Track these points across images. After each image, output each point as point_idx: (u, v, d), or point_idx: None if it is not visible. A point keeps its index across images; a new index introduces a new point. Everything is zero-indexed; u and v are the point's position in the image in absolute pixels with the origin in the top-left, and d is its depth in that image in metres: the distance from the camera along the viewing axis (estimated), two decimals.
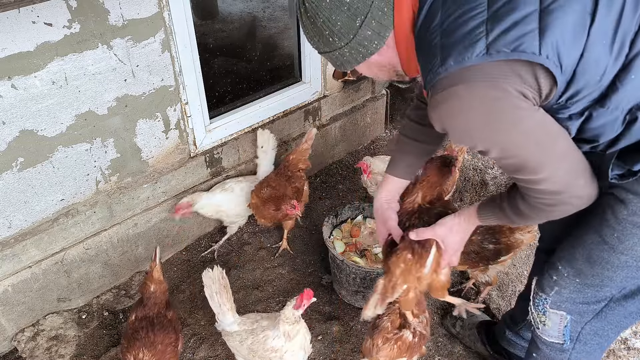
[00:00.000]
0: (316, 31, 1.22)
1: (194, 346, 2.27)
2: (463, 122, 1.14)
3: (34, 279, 2.22)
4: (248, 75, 2.86)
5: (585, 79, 1.11)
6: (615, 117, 1.16)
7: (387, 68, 1.32)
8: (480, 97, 1.09)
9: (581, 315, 1.55)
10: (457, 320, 2.29)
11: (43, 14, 1.80)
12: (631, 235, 1.34)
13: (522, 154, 1.17)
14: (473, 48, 1.06)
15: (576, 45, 1.07)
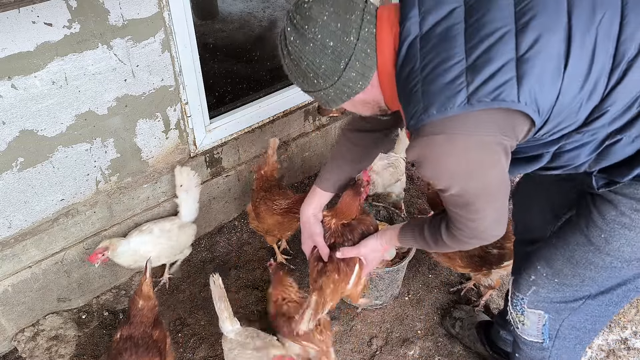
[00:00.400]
0: (300, 73, 1.25)
1: (194, 346, 2.27)
2: (437, 166, 1.22)
3: (34, 279, 2.22)
4: (248, 75, 2.86)
5: (563, 116, 1.17)
6: (589, 141, 1.22)
7: (371, 105, 1.35)
8: (459, 149, 1.16)
9: (559, 313, 1.56)
10: (456, 320, 2.29)
11: (43, 14, 1.80)
12: (619, 236, 1.34)
13: (473, 198, 1.28)
14: (455, 98, 1.10)
15: (552, 89, 1.12)
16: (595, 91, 1.14)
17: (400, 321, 2.39)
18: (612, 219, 1.34)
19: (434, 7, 1.16)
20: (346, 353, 2.24)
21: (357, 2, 1.21)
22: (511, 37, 1.10)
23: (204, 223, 2.81)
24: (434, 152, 1.18)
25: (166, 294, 2.52)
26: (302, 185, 3.21)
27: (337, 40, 1.18)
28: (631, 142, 1.20)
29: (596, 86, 1.14)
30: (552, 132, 1.21)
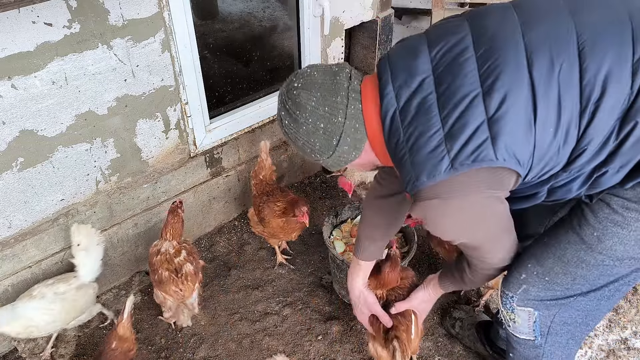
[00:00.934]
0: (299, 148, 1.40)
1: (194, 346, 2.27)
2: (438, 226, 1.38)
3: (34, 279, 2.22)
4: (248, 75, 2.86)
5: (544, 162, 1.26)
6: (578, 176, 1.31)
7: (367, 165, 1.49)
8: (454, 210, 1.30)
9: (548, 309, 1.58)
10: (456, 320, 2.29)
11: (43, 14, 1.80)
12: (611, 234, 1.36)
13: (480, 244, 1.44)
14: (439, 166, 1.22)
15: (527, 141, 1.21)
16: (569, 135, 1.23)
17: None
18: (605, 217, 1.35)
19: (405, 81, 1.27)
20: (346, 353, 2.24)
21: (342, 82, 1.33)
22: (479, 101, 1.20)
23: (204, 223, 2.81)
24: (433, 215, 1.33)
25: None
26: (302, 185, 3.21)
27: (326, 121, 1.31)
28: (617, 172, 1.27)
29: (569, 130, 1.22)
30: (539, 175, 1.31)
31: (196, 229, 2.79)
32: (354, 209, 2.61)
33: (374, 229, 1.88)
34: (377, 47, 3.24)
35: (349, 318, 2.39)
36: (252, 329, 2.34)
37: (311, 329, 2.34)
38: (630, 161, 1.24)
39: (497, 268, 1.57)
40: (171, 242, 2.20)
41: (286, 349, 2.26)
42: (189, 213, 2.68)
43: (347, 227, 2.60)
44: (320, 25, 2.81)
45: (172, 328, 2.36)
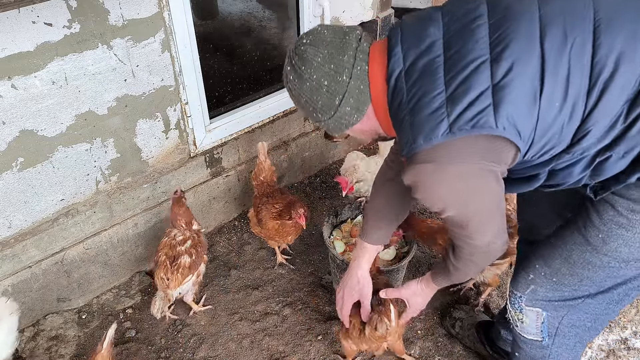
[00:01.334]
0: (301, 106, 1.38)
1: (194, 346, 2.27)
2: (429, 193, 1.31)
3: (34, 279, 2.22)
4: (248, 75, 2.86)
5: (546, 138, 1.23)
6: (580, 159, 1.27)
7: (369, 132, 1.45)
8: (448, 178, 1.25)
9: (557, 310, 1.57)
10: (456, 320, 2.29)
11: (43, 14, 1.80)
12: (616, 236, 1.35)
13: (468, 220, 1.36)
14: (438, 128, 1.18)
15: (530, 113, 1.18)
16: (575, 112, 1.19)
17: None
18: (610, 219, 1.34)
19: (415, 42, 1.25)
20: None
21: (351, 42, 1.30)
22: (486, 67, 1.17)
23: (204, 223, 2.81)
24: (425, 180, 1.28)
25: None
26: (302, 186, 3.21)
27: (330, 79, 1.29)
28: (621, 158, 1.24)
29: (575, 108, 1.19)
30: (540, 154, 1.27)
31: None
32: (354, 209, 2.61)
33: (382, 211, 1.83)
34: None
35: None
36: (252, 329, 2.34)
37: (311, 329, 2.34)
38: (635, 147, 1.21)
39: (482, 253, 1.48)
40: (183, 231, 2.24)
41: (286, 349, 2.26)
42: None
43: (347, 227, 2.60)
44: None
45: (171, 327, 2.36)
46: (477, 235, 1.41)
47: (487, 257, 1.51)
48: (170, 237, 2.23)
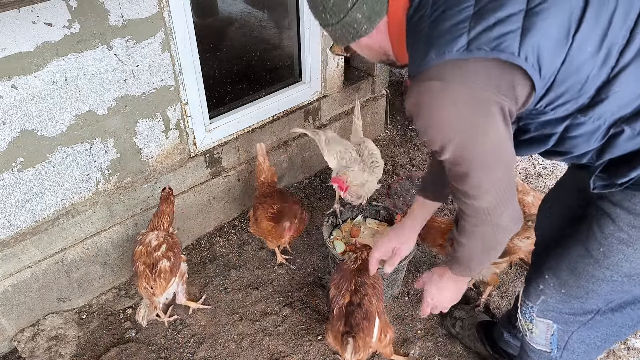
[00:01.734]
0: (313, 4, 1.25)
1: (194, 346, 2.27)
2: (431, 118, 1.15)
3: (34, 279, 2.22)
4: (248, 75, 2.86)
5: (566, 86, 1.11)
6: (596, 128, 1.17)
7: (377, 51, 1.33)
8: (452, 100, 1.11)
9: (567, 324, 1.54)
10: (456, 320, 2.29)
11: (43, 14, 1.80)
12: (617, 251, 1.32)
13: (469, 166, 1.20)
14: (455, 42, 1.06)
15: (559, 50, 1.06)
16: (605, 65, 1.08)
17: (400, 321, 2.39)
18: (610, 234, 1.32)
19: None
20: None
21: None
22: None
23: (204, 223, 2.81)
24: (429, 102, 1.13)
25: None
26: (302, 186, 3.21)
27: None
28: (636, 136, 1.15)
29: (607, 60, 1.08)
30: (555, 105, 1.15)
31: (196, 229, 2.79)
32: (354, 209, 2.61)
33: (436, 174, 1.67)
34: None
35: None
36: (252, 329, 2.34)
37: (311, 329, 2.34)
38: None
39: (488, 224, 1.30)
40: (156, 234, 2.20)
41: (286, 349, 2.26)
42: (189, 213, 2.68)
43: (347, 227, 2.60)
44: None
45: (171, 327, 2.36)
46: (478, 192, 1.24)
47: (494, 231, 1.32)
48: (145, 244, 2.17)
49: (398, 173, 3.27)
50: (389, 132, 3.68)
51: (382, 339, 1.94)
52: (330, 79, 3.08)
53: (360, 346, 1.80)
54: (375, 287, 1.96)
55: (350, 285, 1.96)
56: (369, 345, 1.85)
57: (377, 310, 1.91)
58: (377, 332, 1.89)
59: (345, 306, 1.91)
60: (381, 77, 3.40)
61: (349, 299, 1.92)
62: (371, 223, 2.61)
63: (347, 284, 1.96)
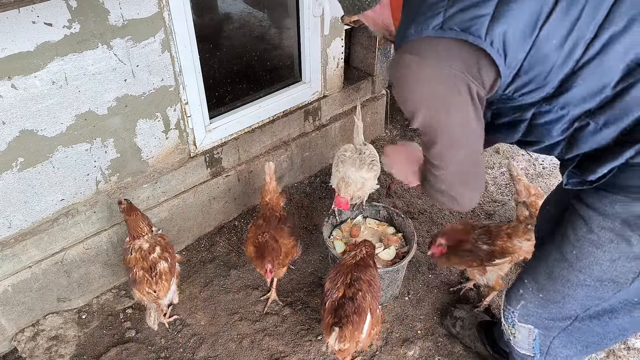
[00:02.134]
0: None
1: (194, 346, 2.27)
2: (405, 87, 1.25)
3: (34, 279, 2.22)
4: (248, 75, 2.86)
5: (532, 75, 1.17)
6: (559, 117, 1.21)
7: (380, 25, 1.40)
8: (427, 77, 1.20)
9: (548, 329, 1.55)
10: (457, 320, 2.29)
11: (43, 14, 1.80)
12: (588, 253, 1.34)
13: (435, 136, 1.28)
14: (432, 20, 1.14)
15: (525, 40, 1.12)
16: (569, 58, 1.14)
17: (400, 321, 2.39)
18: (583, 236, 1.34)
19: None
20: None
21: None
22: None
23: (204, 223, 2.81)
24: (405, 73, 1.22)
25: None
26: (302, 186, 3.21)
27: None
28: (599, 130, 1.19)
29: (571, 53, 1.13)
30: (522, 92, 1.21)
31: (196, 229, 2.79)
32: (354, 209, 2.61)
33: None
34: (377, 47, 3.24)
35: None
36: (252, 329, 2.34)
37: (311, 329, 2.34)
38: (616, 121, 1.16)
39: (442, 193, 1.39)
40: (145, 239, 2.17)
41: (286, 349, 2.26)
42: (189, 213, 2.68)
43: (347, 227, 2.60)
44: (320, 25, 2.81)
45: (171, 327, 2.36)
46: (440, 163, 1.33)
47: (446, 200, 1.41)
48: (137, 249, 2.14)
49: None
50: (389, 132, 3.68)
51: (371, 336, 1.94)
52: (330, 79, 3.08)
53: (346, 336, 1.80)
54: (371, 284, 1.96)
55: (345, 279, 1.96)
56: (356, 339, 1.84)
57: (370, 307, 1.91)
58: (368, 328, 1.89)
59: (337, 299, 1.92)
60: (381, 77, 3.40)
61: (342, 293, 1.93)
62: (371, 223, 2.62)
63: (343, 277, 1.97)
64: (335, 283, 1.96)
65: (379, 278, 2.05)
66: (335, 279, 1.98)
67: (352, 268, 2.00)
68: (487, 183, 3.19)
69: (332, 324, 1.84)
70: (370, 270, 2.01)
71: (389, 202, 3.05)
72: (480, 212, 2.99)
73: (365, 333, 1.89)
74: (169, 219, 2.60)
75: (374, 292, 1.96)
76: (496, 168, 3.32)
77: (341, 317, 1.84)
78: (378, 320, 1.99)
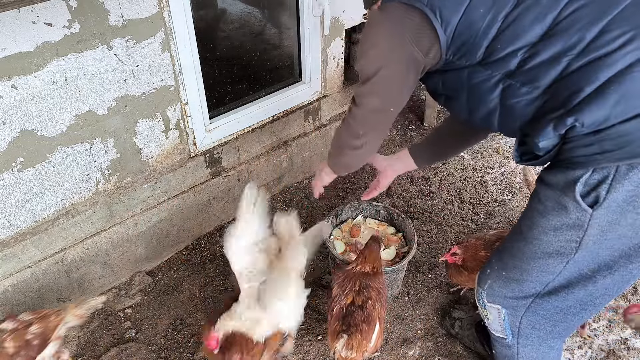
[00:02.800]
0: None
1: (194, 346, 2.27)
2: (365, 40, 1.52)
3: (34, 279, 2.22)
4: (248, 75, 2.86)
5: (463, 39, 1.36)
6: (489, 78, 1.38)
7: None
8: (382, 35, 1.45)
9: (514, 309, 1.61)
10: (456, 320, 2.30)
11: (43, 14, 1.80)
12: (536, 224, 1.42)
13: (368, 78, 1.51)
14: None
15: (458, 7, 1.32)
16: (492, 24, 1.32)
17: (400, 321, 2.39)
18: (533, 207, 1.43)
19: None
20: None
21: None
22: None
23: (204, 223, 2.81)
24: (371, 23, 1.49)
25: (166, 293, 2.52)
26: (302, 185, 3.21)
27: None
28: (520, 91, 1.33)
29: (494, 20, 1.31)
30: (458, 55, 1.40)
31: (196, 229, 2.79)
32: (354, 209, 2.61)
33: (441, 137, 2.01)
34: None
35: None
36: None
37: (311, 329, 2.34)
38: (531, 81, 1.30)
39: (353, 133, 1.65)
40: None
41: None
42: (189, 213, 2.69)
43: (347, 227, 2.60)
44: (320, 25, 2.81)
45: (171, 327, 2.36)
46: (361, 100, 1.56)
47: (352, 149, 1.69)
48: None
49: None
50: (389, 132, 3.68)
51: (377, 345, 1.93)
52: (330, 79, 3.08)
53: (354, 345, 1.78)
54: (380, 292, 1.95)
55: (354, 286, 1.94)
56: (364, 348, 1.83)
57: (379, 316, 1.90)
58: (376, 338, 1.88)
59: (346, 306, 1.90)
60: None
61: (351, 300, 1.91)
62: (371, 223, 2.62)
63: (352, 284, 1.95)
64: (343, 289, 1.95)
65: (386, 287, 2.04)
66: (343, 285, 1.96)
67: (360, 274, 1.98)
68: (486, 183, 3.20)
69: (339, 332, 1.83)
70: (379, 278, 2.00)
71: (389, 202, 3.05)
72: (480, 212, 3.00)
73: (373, 343, 1.88)
74: (169, 219, 2.60)
75: (382, 301, 1.95)
76: (496, 168, 3.32)
77: (350, 325, 1.83)
78: (381, 331, 1.98)
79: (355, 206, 2.61)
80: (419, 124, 3.76)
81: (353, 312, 1.87)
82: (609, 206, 1.28)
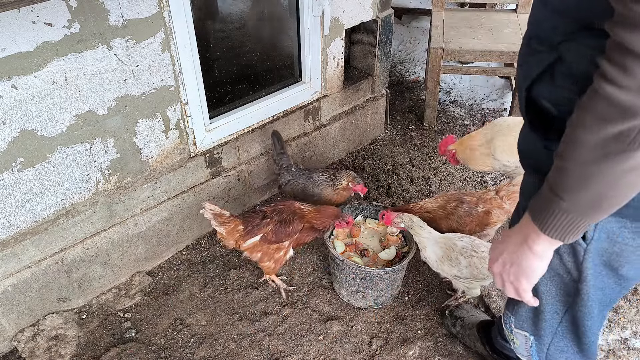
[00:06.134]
0: None
1: (194, 346, 2.27)
2: None
3: (34, 279, 2.22)
4: (248, 75, 2.86)
5: None
6: None
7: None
8: None
9: (541, 336, 1.53)
10: (457, 320, 2.29)
11: (43, 13, 1.80)
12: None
13: None
14: None
15: None
16: None
17: (400, 321, 2.39)
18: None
19: None
20: (346, 353, 2.24)
21: None
22: None
23: (204, 223, 2.81)
24: None
25: (166, 293, 2.52)
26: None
27: None
28: None
29: None
30: None
31: (196, 229, 2.79)
32: (354, 209, 2.61)
33: None
34: (377, 47, 3.24)
35: (349, 318, 2.39)
36: (252, 329, 2.34)
37: (311, 329, 2.34)
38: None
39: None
40: None
41: (286, 349, 2.26)
42: (189, 213, 2.69)
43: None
44: (320, 25, 2.81)
45: (171, 327, 2.36)
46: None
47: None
48: None
49: (398, 173, 3.27)
50: (389, 132, 3.68)
51: (252, 251, 2.30)
52: (330, 79, 3.08)
53: (223, 223, 2.24)
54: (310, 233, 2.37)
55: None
56: (231, 234, 2.26)
57: (272, 238, 2.28)
58: (250, 244, 2.27)
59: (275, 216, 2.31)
60: (381, 77, 3.40)
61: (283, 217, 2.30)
62: (371, 223, 2.61)
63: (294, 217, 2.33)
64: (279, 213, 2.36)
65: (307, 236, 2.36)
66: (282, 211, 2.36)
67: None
68: (486, 183, 3.20)
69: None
70: None
71: (389, 202, 3.05)
72: None
73: (249, 243, 2.28)
74: (169, 218, 2.60)
75: (300, 239, 2.37)
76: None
77: (248, 219, 2.32)
78: (273, 257, 2.34)
79: (355, 206, 2.61)
80: (419, 124, 3.77)
81: (269, 217, 2.30)
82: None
